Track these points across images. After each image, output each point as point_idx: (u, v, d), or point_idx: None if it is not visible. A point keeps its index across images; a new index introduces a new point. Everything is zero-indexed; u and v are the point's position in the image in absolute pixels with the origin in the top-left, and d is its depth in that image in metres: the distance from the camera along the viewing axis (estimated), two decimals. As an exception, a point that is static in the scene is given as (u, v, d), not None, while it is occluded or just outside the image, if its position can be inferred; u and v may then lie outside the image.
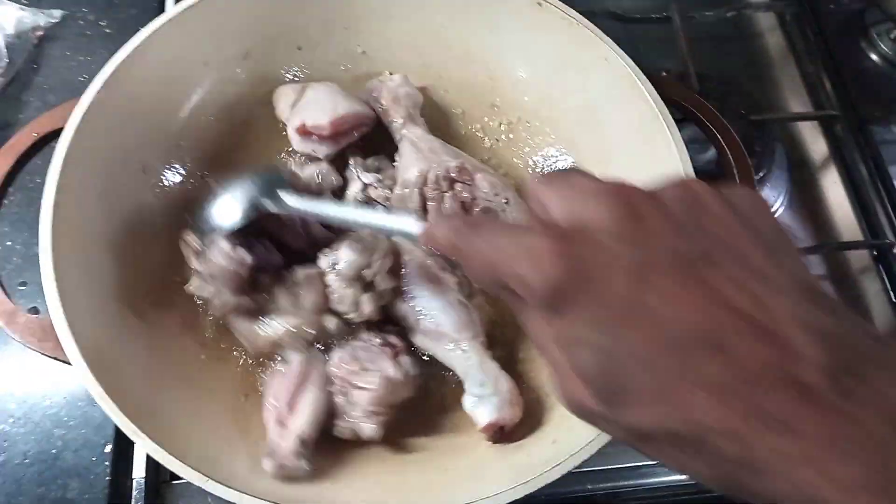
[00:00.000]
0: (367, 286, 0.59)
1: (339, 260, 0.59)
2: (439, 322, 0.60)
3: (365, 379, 0.57)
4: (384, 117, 0.72)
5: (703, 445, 0.30)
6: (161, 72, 0.66)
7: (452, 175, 0.65)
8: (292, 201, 0.58)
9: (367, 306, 0.59)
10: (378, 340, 0.60)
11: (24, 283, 0.69)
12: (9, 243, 0.72)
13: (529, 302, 0.34)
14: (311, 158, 0.70)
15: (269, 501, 0.48)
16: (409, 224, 0.48)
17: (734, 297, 0.30)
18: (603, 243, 0.32)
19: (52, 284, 0.52)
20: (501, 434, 0.57)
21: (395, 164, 0.70)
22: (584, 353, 0.32)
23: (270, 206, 0.58)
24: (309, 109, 0.68)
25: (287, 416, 0.56)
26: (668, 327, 0.30)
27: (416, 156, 0.67)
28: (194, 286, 0.59)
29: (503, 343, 0.66)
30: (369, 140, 0.73)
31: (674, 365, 0.30)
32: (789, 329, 0.29)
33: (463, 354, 0.60)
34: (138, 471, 0.64)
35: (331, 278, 0.59)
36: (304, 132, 0.69)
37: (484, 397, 0.58)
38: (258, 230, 0.61)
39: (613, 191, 0.34)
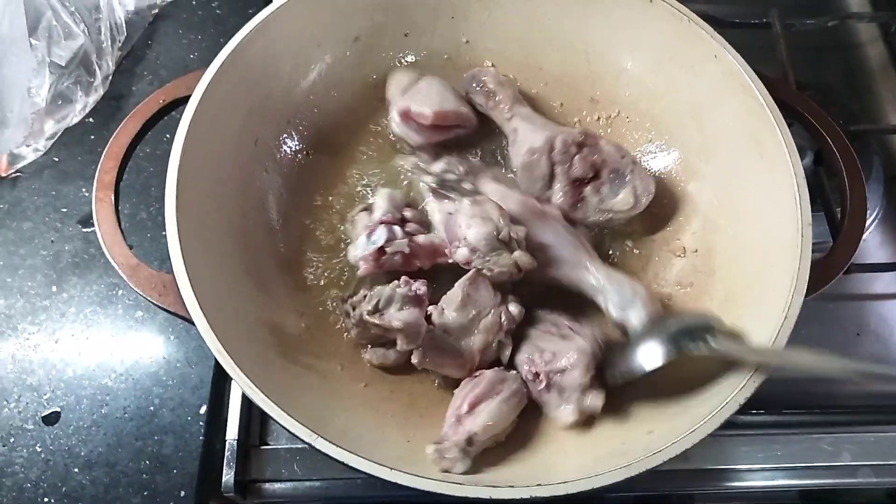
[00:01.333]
0: (508, 244, 0.61)
1: (471, 241, 0.61)
2: (559, 251, 0.64)
3: (563, 362, 0.59)
4: (488, 102, 0.73)
5: None
6: (277, 50, 0.68)
7: (579, 139, 0.66)
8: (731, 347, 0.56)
9: (524, 258, 0.61)
10: (546, 328, 0.63)
11: (130, 247, 0.72)
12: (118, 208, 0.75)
13: None
14: (424, 150, 0.72)
15: (373, 462, 0.49)
16: None
17: None
18: None
19: (175, 242, 0.54)
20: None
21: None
22: None
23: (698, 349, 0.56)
24: (417, 97, 0.70)
25: (465, 417, 0.57)
26: None
27: (535, 127, 0.68)
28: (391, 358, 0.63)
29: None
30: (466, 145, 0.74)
31: None
32: None
33: (588, 273, 0.63)
34: (231, 433, 0.66)
35: (477, 262, 0.61)
36: (407, 117, 0.70)
37: (628, 302, 0.61)
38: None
39: None
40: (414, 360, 0.59)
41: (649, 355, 0.57)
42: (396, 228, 0.63)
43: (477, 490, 0.49)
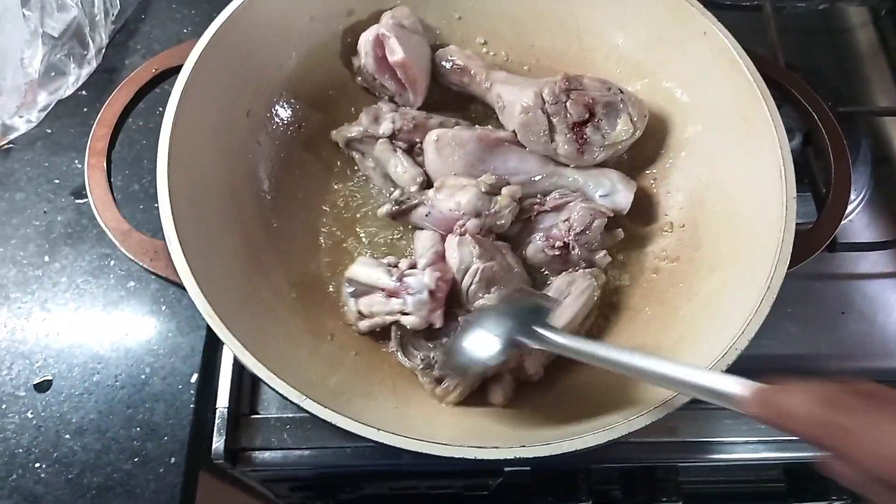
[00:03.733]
0: (494, 190, 0.65)
1: (469, 209, 0.64)
2: (529, 168, 0.70)
3: (577, 223, 0.66)
4: (463, 77, 0.73)
5: None
6: (269, 23, 0.68)
7: (564, 85, 0.67)
8: (556, 338, 0.52)
9: (513, 188, 0.66)
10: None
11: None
12: (111, 180, 0.75)
13: None
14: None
15: (360, 422, 0.50)
16: (725, 384, 0.41)
17: None
18: None
19: (167, 207, 0.55)
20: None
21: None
22: None
23: (532, 343, 0.53)
24: (401, 37, 0.70)
25: None
26: None
27: (518, 87, 0.69)
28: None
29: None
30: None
31: None
32: None
33: (563, 178, 0.70)
34: (221, 401, 0.67)
35: (489, 220, 0.65)
36: (378, 43, 0.71)
37: (609, 189, 0.68)
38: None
39: None
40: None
41: (485, 347, 0.54)
42: (411, 271, 0.63)
43: (462, 451, 0.49)
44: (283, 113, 0.71)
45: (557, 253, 0.67)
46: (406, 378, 0.62)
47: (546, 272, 0.69)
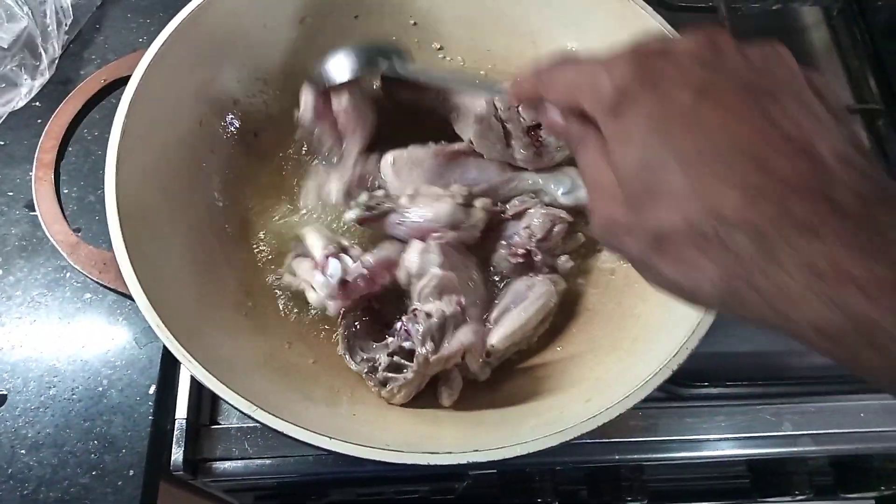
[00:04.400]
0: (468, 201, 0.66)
1: (445, 220, 0.65)
2: (489, 177, 0.71)
3: (538, 229, 0.67)
4: (413, 92, 0.72)
5: (724, 242, 0.32)
6: (222, 30, 0.68)
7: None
8: (401, 67, 0.65)
9: (485, 201, 0.67)
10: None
11: (78, 230, 0.72)
12: (65, 191, 0.74)
13: (595, 115, 0.37)
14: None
15: (312, 431, 0.49)
16: (497, 85, 0.53)
17: (785, 125, 0.33)
18: (679, 61, 0.35)
19: (114, 217, 0.54)
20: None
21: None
22: (630, 149, 0.35)
23: (383, 66, 0.65)
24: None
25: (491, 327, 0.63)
26: (716, 135, 0.33)
27: (469, 96, 0.69)
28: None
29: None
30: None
31: (713, 167, 0.32)
32: (831, 158, 0.32)
33: (523, 182, 0.71)
34: (180, 412, 0.67)
35: (464, 232, 0.66)
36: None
37: (569, 187, 0.69)
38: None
39: (701, 29, 0.37)
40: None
41: (339, 69, 0.66)
42: (344, 256, 0.63)
43: (416, 457, 0.50)
44: (238, 122, 0.71)
45: (521, 261, 0.67)
46: (365, 385, 0.62)
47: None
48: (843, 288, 0.29)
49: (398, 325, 0.60)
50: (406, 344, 0.59)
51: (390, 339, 0.60)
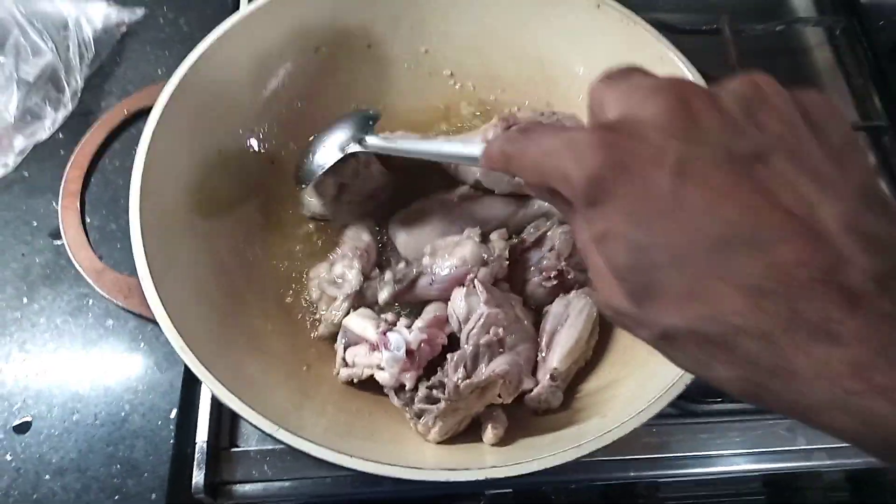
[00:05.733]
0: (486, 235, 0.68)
1: (474, 260, 0.65)
2: (499, 213, 0.72)
3: (563, 248, 0.68)
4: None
5: (733, 349, 0.29)
6: (239, 61, 0.70)
7: (503, 125, 0.68)
8: (374, 142, 0.65)
9: (503, 231, 0.69)
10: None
11: (100, 257, 0.73)
12: (88, 220, 0.76)
13: (573, 201, 0.33)
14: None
15: (332, 450, 0.50)
16: (472, 149, 0.49)
17: (783, 197, 0.29)
18: (649, 137, 0.31)
19: (139, 243, 0.56)
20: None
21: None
22: (617, 247, 0.31)
23: (357, 148, 0.65)
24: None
25: (545, 355, 0.64)
26: (706, 223, 0.29)
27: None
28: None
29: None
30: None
31: (709, 262, 0.29)
32: (838, 233, 0.28)
33: (533, 204, 0.72)
34: (201, 436, 0.68)
35: (495, 266, 0.66)
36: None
37: None
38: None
39: (668, 86, 0.32)
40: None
41: (325, 155, 0.67)
42: (400, 328, 0.63)
43: (435, 474, 0.50)
44: (256, 148, 0.73)
45: (555, 283, 0.67)
46: (383, 406, 0.63)
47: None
48: (869, 399, 0.26)
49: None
50: (446, 379, 0.59)
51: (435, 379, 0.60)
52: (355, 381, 0.63)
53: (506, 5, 0.76)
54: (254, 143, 0.73)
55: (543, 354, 0.64)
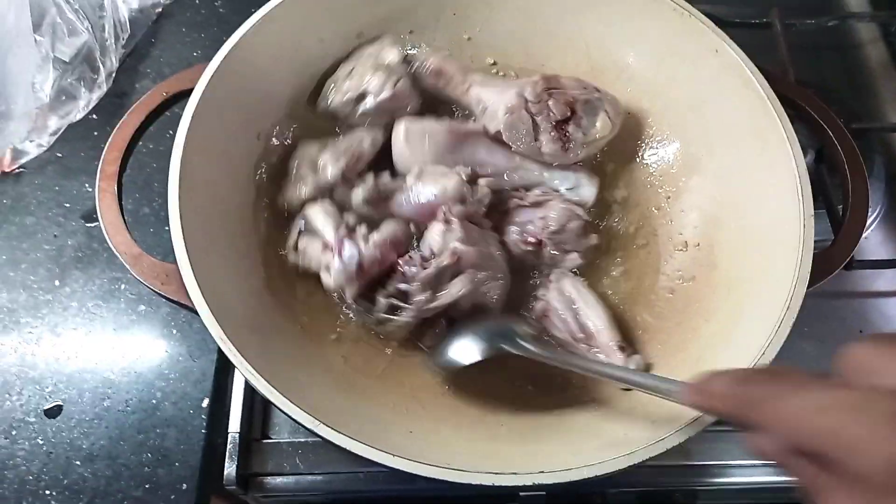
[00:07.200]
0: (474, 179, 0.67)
1: (454, 195, 0.65)
2: (497, 161, 0.71)
3: (553, 222, 0.67)
4: (439, 80, 0.73)
5: None
6: (280, 44, 0.68)
7: (544, 84, 0.68)
8: (525, 350, 0.60)
9: (489, 180, 0.68)
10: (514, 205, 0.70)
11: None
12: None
13: (849, 471, 0.29)
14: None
15: (376, 448, 0.49)
16: (669, 385, 0.48)
17: None
18: None
19: (178, 229, 0.54)
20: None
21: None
22: None
23: (511, 349, 0.60)
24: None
25: (590, 340, 0.64)
26: None
27: (498, 88, 0.70)
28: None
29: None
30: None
31: None
32: None
33: (530, 172, 0.71)
34: (233, 426, 0.66)
35: (472, 207, 0.65)
36: None
37: (574, 183, 0.70)
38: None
39: None
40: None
41: (465, 352, 0.61)
42: (358, 239, 0.63)
43: (479, 477, 0.48)
44: (294, 135, 0.71)
45: (530, 249, 0.68)
46: (419, 402, 0.61)
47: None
48: None
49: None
50: (402, 286, 0.61)
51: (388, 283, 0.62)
52: (300, 268, 0.65)
53: (551, -7, 0.74)
54: (293, 127, 0.71)
55: (588, 344, 0.64)
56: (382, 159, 0.70)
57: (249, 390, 0.67)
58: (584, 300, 0.65)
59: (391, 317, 0.61)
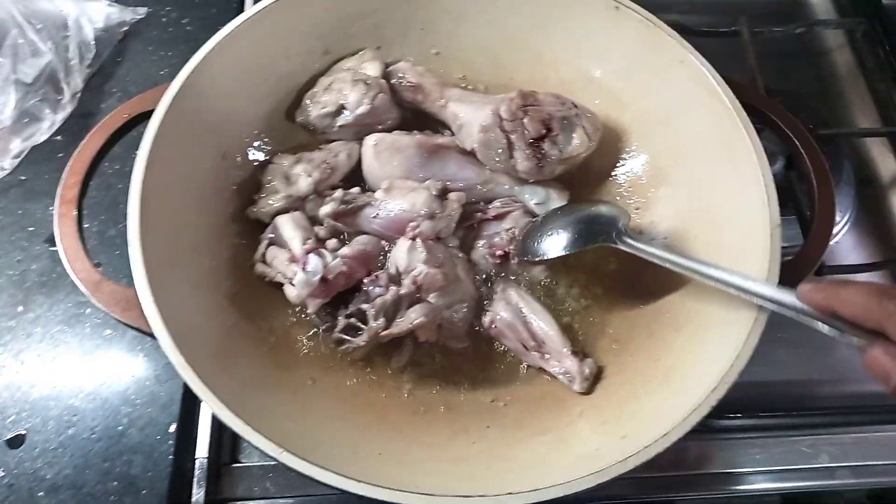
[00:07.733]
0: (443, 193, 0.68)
1: (422, 210, 0.65)
2: (466, 176, 0.71)
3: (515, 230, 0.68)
4: (416, 95, 0.73)
5: None
6: (245, 62, 0.68)
7: (520, 101, 0.68)
8: (627, 244, 0.60)
9: (459, 194, 0.68)
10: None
11: (98, 265, 0.71)
12: (86, 225, 0.74)
13: None
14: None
15: (340, 475, 0.48)
16: (773, 290, 0.50)
17: None
18: None
19: (138, 256, 0.54)
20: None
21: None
22: None
23: (613, 243, 0.61)
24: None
25: (541, 347, 0.64)
26: None
27: (474, 105, 0.69)
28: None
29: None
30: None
31: None
32: None
33: (500, 185, 0.71)
34: (201, 451, 0.65)
35: (441, 223, 0.66)
36: None
37: (544, 198, 0.70)
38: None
39: None
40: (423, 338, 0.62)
41: (557, 243, 0.63)
42: (324, 252, 0.63)
43: (448, 500, 0.48)
44: (259, 155, 0.70)
45: (498, 261, 0.68)
46: (390, 423, 0.60)
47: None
48: None
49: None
50: (364, 306, 0.61)
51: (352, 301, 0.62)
52: (266, 279, 0.64)
53: (520, 7, 0.73)
54: (258, 147, 0.70)
55: (540, 352, 0.64)
56: (359, 173, 0.70)
57: (218, 414, 0.66)
58: (531, 308, 0.65)
59: (347, 338, 0.61)
